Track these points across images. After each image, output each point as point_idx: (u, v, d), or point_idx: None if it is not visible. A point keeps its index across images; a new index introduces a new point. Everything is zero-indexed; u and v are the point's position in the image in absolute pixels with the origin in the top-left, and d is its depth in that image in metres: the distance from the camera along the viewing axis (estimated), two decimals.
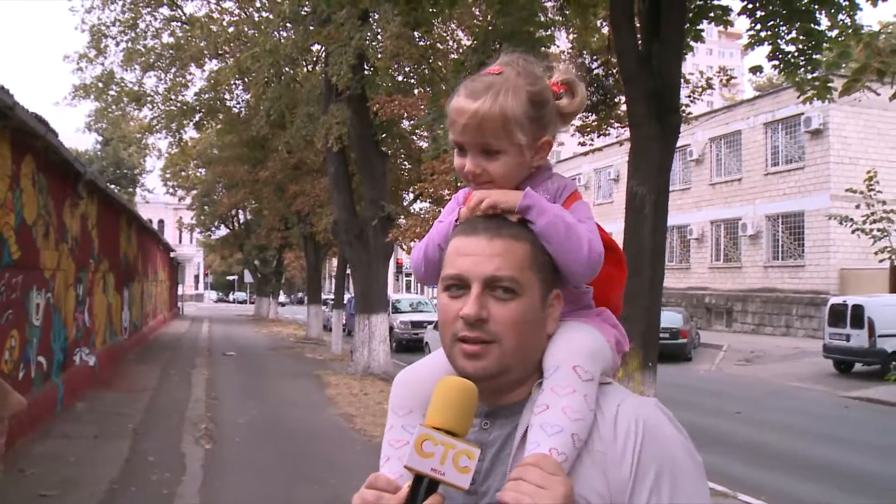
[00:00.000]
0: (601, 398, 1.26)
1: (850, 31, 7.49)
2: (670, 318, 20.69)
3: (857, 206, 19.90)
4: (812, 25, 7.74)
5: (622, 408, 1.24)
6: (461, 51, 13.87)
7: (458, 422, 1.19)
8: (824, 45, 7.87)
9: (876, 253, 19.75)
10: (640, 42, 7.78)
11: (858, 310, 18.06)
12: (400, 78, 18.08)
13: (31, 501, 6.77)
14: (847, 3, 7.63)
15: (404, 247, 17.56)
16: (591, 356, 1.28)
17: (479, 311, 1.22)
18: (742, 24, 9.00)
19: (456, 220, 1.34)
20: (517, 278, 1.23)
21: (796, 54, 8.01)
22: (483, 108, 1.28)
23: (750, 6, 7.99)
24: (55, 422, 10.14)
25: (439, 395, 1.22)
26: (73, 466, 7.98)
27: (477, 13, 13.95)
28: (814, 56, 7.94)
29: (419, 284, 59.56)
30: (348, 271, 23.62)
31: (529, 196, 1.28)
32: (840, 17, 7.63)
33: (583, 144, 14.68)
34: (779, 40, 8.01)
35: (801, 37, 7.87)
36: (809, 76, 8.18)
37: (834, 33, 7.85)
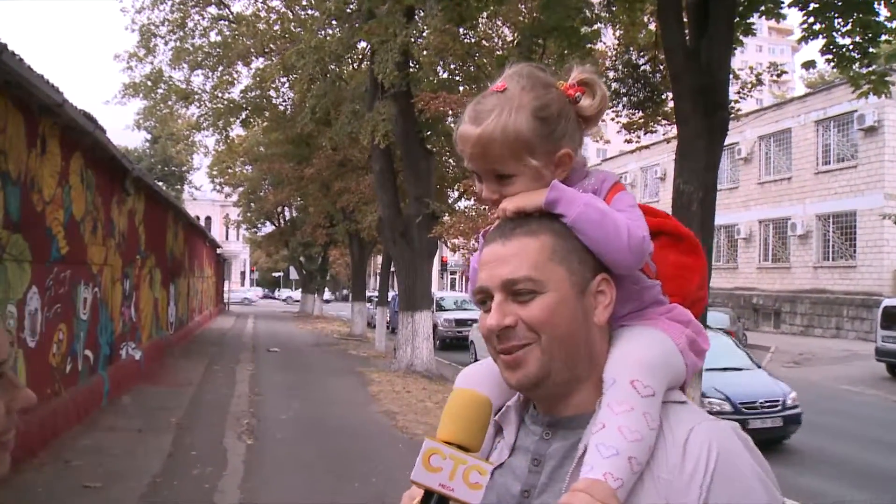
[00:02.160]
0: (672, 418, 1.16)
1: None
2: (717, 318, 20.34)
3: None
4: (870, 17, 7.48)
5: (695, 432, 1.13)
6: (506, 48, 13.76)
7: (469, 436, 1.14)
8: (882, 37, 7.62)
9: None
10: (688, 37, 7.62)
11: None
12: (445, 75, 18.03)
13: (75, 492, 6.86)
14: None
15: (449, 244, 17.51)
16: (653, 368, 1.17)
17: (500, 321, 1.17)
18: (793, 19, 8.78)
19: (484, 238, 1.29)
20: (533, 276, 1.16)
21: (851, 47, 7.76)
22: (485, 134, 1.21)
23: None
24: (101, 414, 10.29)
25: (451, 407, 1.17)
26: (117, 459, 8.07)
27: (522, 9, 13.81)
28: (870, 49, 7.68)
29: (465, 282, 59.61)
30: (392, 269, 23.66)
31: (556, 188, 1.21)
32: None
33: (629, 142, 14.48)
34: (833, 33, 7.76)
35: (857, 29, 7.61)
36: (865, 70, 7.91)
37: (894, 24, 7.60)
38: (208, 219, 68.82)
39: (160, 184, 22.34)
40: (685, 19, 7.70)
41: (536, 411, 1.27)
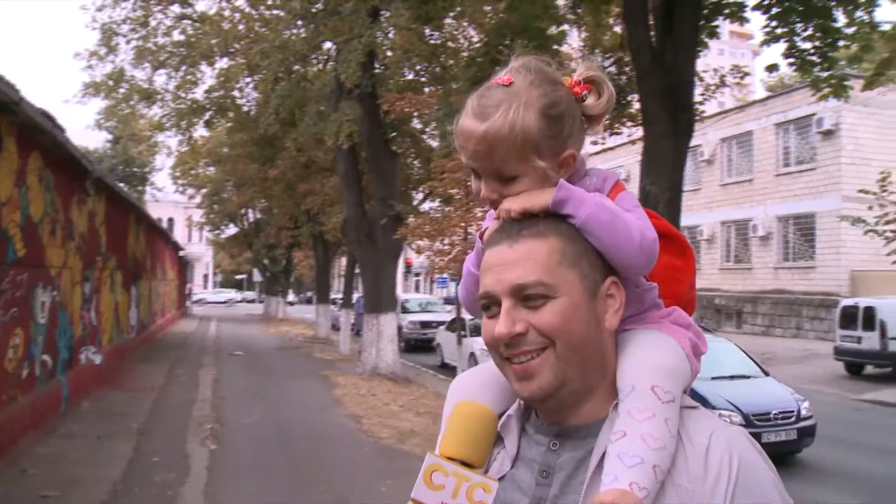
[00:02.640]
0: (690, 425, 1.13)
1: (867, 28, 7.36)
2: None
3: (870, 208, 19.69)
4: (828, 22, 7.59)
5: (714, 439, 1.10)
6: (472, 48, 13.75)
7: (474, 452, 1.09)
8: (840, 42, 7.74)
9: (888, 254, 19.54)
10: (654, 39, 7.67)
11: (870, 311, 17.86)
12: (411, 76, 17.97)
13: (32, 502, 6.70)
14: None
15: (413, 246, 17.47)
16: (671, 373, 1.14)
17: (511, 328, 1.11)
18: (753, 24, 8.87)
19: (481, 240, 1.22)
20: (544, 280, 1.10)
21: (812, 51, 7.87)
22: (492, 131, 1.14)
23: (766, 3, 7.85)
24: (59, 421, 10.08)
25: (454, 421, 1.12)
26: (76, 466, 7.90)
27: (488, 10, 13.82)
28: (829, 53, 7.79)
29: (429, 283, 59.56)
30: (357, 270, 23.56)
31: (564, 188, 1.14)
32: (857, 13, 7.49)
33: (594, 143, 14.55)
34: (794, 37, 7.87)
35: (817, 34, 7.72)
36: (825, 74, 8.03)
37: (851, 31, 7.71)
38: (171, 220, 67.85)
39: (121, 185, 22.00)
40: (652, 21, 7.76)
41: (540, 420, 1.21)
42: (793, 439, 9.46)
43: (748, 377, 10.47)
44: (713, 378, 9.68)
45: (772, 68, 8.73)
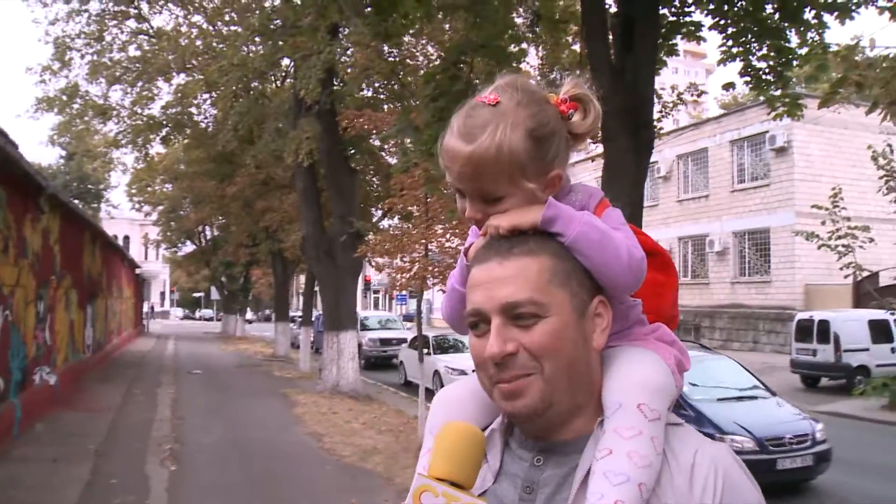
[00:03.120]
0: (675, 441, 1.13)
1: (819, 48, 7.55)
2: None
3: (823, 223, 20.09)
4: (782, 42, 7.77)
5: (699, 456, 1.10)
6: (431, 66, 13.81)
7: (463, 472, 1.06)
8: (794, 62, 7.92)
9: (841, 268, 19.91)
10: (613, 57, 7.77)
11: (824, 325, 18.22)
12: (370, 93, 17.98)
13: None
14: (816, 21, 7.68)
15: (373, 263, 17.40)
16: (657, 391, 1.14)
17: (503, 348, 1.09)
18: (708, 45, 9.04)
19: (466, 256, 1.21)
20: (536, 299, 1.09)
21: (767, 71, 8.04)
22: (478, 153, 1.12)
23: (722, 22, 8.01)
24: (12, 444, 9.83)
25: (443, 441, 1.09)
26: (31, 491, 7.71)
27: (447, 28, 13.90)
28: (784, 73, 7.97)
29: (388, 301, 59.35)
30: (316, 288, 23.43)
31: (553, 206, 1.13)
32: (809, 34, 7.68)
33: None
34: (750, 56, 8.04)
35: (771, 53, 7.90)
36: (779, 92, 8.21)
37: (804, 51, 7.90)
38: (126, 238, 66.83)
39: (76, 202, 21.64)
40: (611, 39, 7.86)
41: (524, 436, 1.20)
42: (809, 465, 8.83)
43: (755, 398, 9.88)
44: (719, 399, 9.37)
45: (728, 86, 8.91)
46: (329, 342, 16.54)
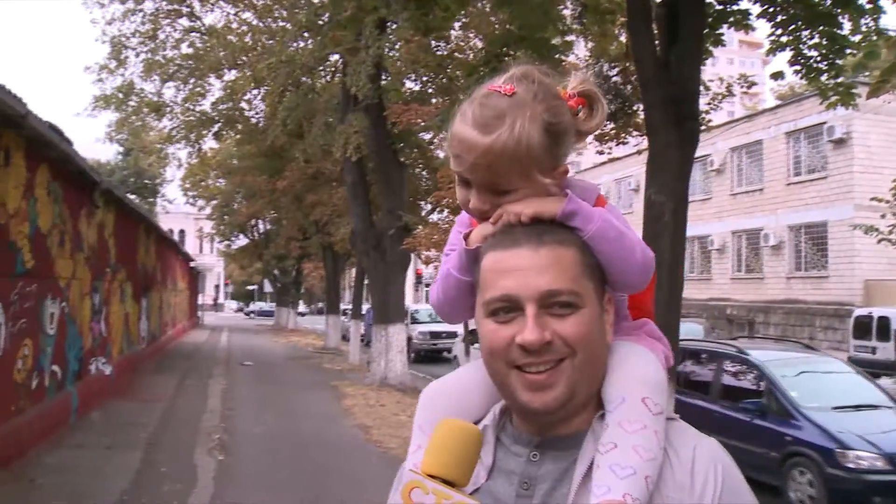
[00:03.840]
0: (673, 437, 1.13)
1: (873, 35, 7.33)
2: (690, 329, 20.32)
3: (883, 216, 19.56)
4: (834, 30, 7.56)
5: (699, 451, 1.10)
6: (473, 58, 13.79)
7: (457, 469, 1.05)
8: (847, 49, 7.70)
9: None
10: (658, 48, 7.66)
11: (884, 321, 17.79)
12: (418, 87, 18.01)
13: None
14: (871, 6, 7.46)
15: (422, 256, 17.46)
16: (658, 385, 1.14)
17: (542, 335, 1.07)
18: (762, 33, 8.85)
19: (465, 243, 1.18)
20: (575, 289, 1.09)
21: (818, 59, 7.84)
22: (497, 146, 1.10)
23: (771, 10, 7.82)
24: (69, 431, 10.10)
25: (437, 437, 1.08)
26: (85, 477, 7.91)
27: (494, 20, 13.85)
28: (836, 61, 7.76)
29: None
30: (366, 281, 23.59)
31: (573, 201, 1.12)
32: (863, 20, 7.46)
33: (601, 153, 14.53)
34: (800, 45, 7.84)
35: (823, 41, 7.69)
36: (832, 82, 7.99)
37: (857, 38, 7.68)
38: (182, 232, 68.19)
39: (133, 197, 22.15)
40: (656, 30, 7.75)
41: (518, 431, 1.18)
42: None
43: (877, 406, 8.72)
44: (834, 408, 8.45)
45: (776, 76, 8.69)
46: (377, 335, 16.65)
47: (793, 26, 7.78)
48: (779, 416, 8.66)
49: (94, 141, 64.96)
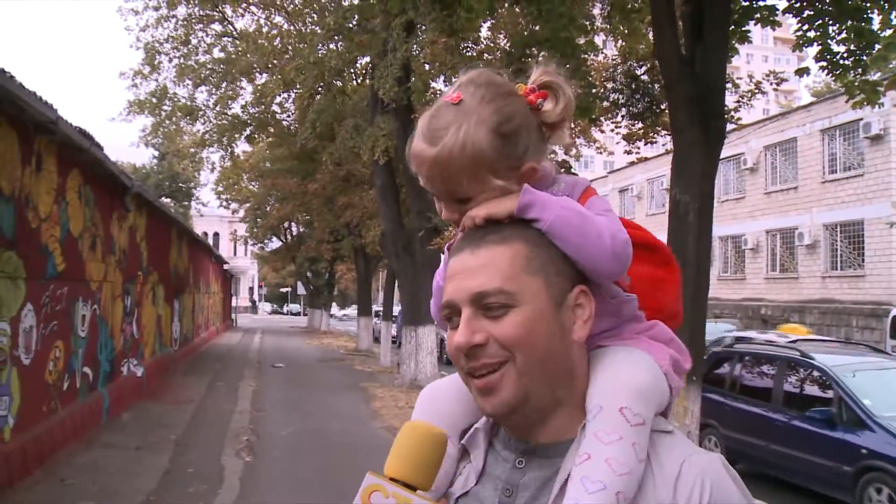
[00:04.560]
0: (661, 450, 1.06)
1: None
2: (724, 329, 20.16)
3: None
4: (862, 24, 7.42)
5: (686, 466, 1.03)
6: (496, 59, 13.77)
7: (418, 473, 1.04)
8: (876, 45, 7.54)
9: None
10: (682, 46, 7.59)
11: None
12: (446, 89, 18.00)
13: None
14: None
15: None
16: (642, 393, 1.07)
17: (469, 338, 1.04)
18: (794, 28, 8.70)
19: (448, 251, 1.17)
20: (506, 288, 1.04)
21: (846, 55, 7.69)
22: (443, 155, 1.08)
23: (797, 5, 7.70)
24: (100, 432, 10.25)
25: (401, 440, 1.07)
26: (113, 477, 8.03)
27: (521, 21, 13.82)
28: (863, 57, 7.61)
29: None
30: (397, 283, 23.65)
31: (528, 192, 1.08)
32: (893, 14, 7.31)
33: (629, 153, 14.43)
34: (828, 40, 7.70)
35: (851, 36, 7.55)
36: (860, 78, 7.84)
37: (888, 33, 7.52)
38: (216, 234, 68.99)
39: (168, 200, 22.45)
40: (681, 27, 7.68)
41: (508, 436, 1.15)
42: None
43: None
44: None
45: (802, 72, 8.53)
46: (407, 337, 16.68)
47: (819, 21, 7.64)
48: (850, 425, 7.96)
49: (128, 145, 65.93)
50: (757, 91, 11.96)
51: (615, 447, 1.02)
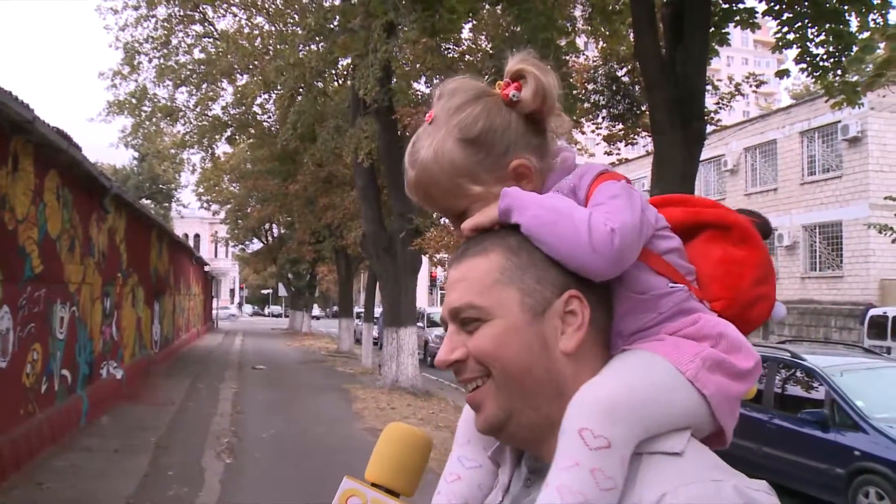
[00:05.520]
0: (650, 476, 0.91)
1: (879, 32, 7.24)
2: None
3: None
4: (841, 27, 7.49)
5: (669, 498, 0.87)
6: (477, 61, 13.78)
7: (398, 477, 1.01)
8: (854, 47, 7.61)
9: None
10: (663, 48, 7.62)
11: None
12: (428, 90, 18.00)
13: None
14: (879, 1, 7.36)
15: (436, 258, 17.45)
16: (614, 412, 0.92)
17: (447, 356, 1.02)
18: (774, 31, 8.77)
19: None
20: (476, 303, 0.99)
21: (825, 57, 7.76)
22: (421, 175, 1.06)
23: (777, 8, 7.76)
24: (78, 435, 10.16)
25: (382, 443, 1.04)
26: (92, 480, 7.95)
27: (502, 22, 13.84)
28: (842, 59, 7.68)
29: None
30: (378, 285, 23.62)
31: (507, 195, 1.01)
32: (871, 17, 7.37)
33: (609, 154, 14.47)
34: (807, 43, 7.77)
35: (830, 38, 7.61)
36: (840, 80, 7.91)
37: (865, 35, 7.59)
38: (197, 236, 68.54)
39: (148, 202, 22.30)
40: (661, 29, 7.71)
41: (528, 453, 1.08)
42: None
43: None
44: None
45: (782, 73, 8.58)
46: (389, 338, 16.64)
47: (799, 24, 7.71)
48: (843, 427, 7.80)
49: (108, 146, 65.48)
50: (737, 93, 12.03)
51: (568, 474, 0.91)
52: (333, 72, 20.40)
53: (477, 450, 1.14)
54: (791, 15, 7.68)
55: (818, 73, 7.84)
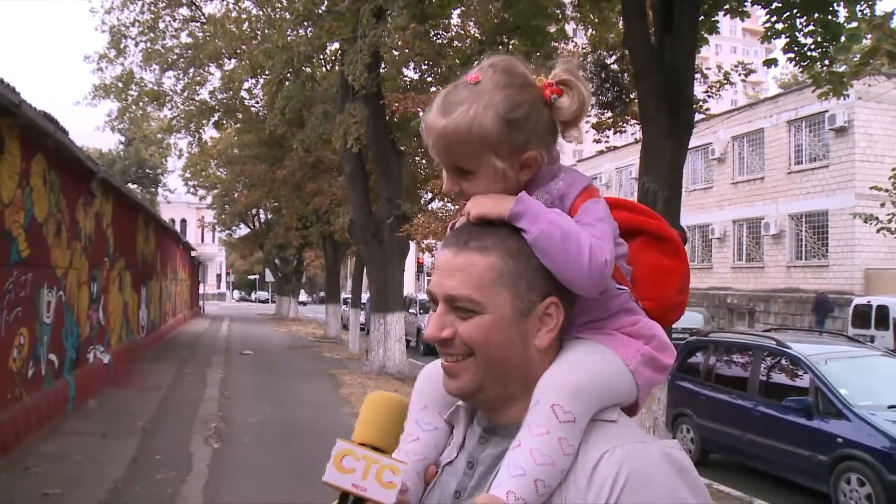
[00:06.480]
0: (592, 439, 1.11)
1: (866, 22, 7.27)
2: (691, 318, 20.41)
3: (883, 205, 19.53)
4: (829, 17, 7.52)
5: (608, 455, 1.08)
6: (468, 47, 13.74)
7: (383, 437, 1.16)
8: (842, 37, 7.65)
9: None
10: (652, 36, 7.63)
11: (883, 311, 17.78)
12: (416, 76, 17.97)
13: (33, 499, 6.74)
14: None
15: (423, 244, 17.45)
16: (579, 393, 1.11)
17: (437, 333, 1.16)
18: (763, 19, 8.80)
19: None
20: (474, 297, 1.13)
21: (813, 47, 7.80)
22: (450, 128, 1.15)
23: None
24: (65, 419, 10.14)
25: (366, 409, 1.19)
26: (79, 465, 7.95)
27: (491, 9, 13.80)
28: (829, 49, 7.72)
29: None
30: (366, 270, 23.61)
31: (522, 201, 1.14)
32: (858, 7, 7.41)
33: (598, 142, 14.49)
34: (796, 32, 7.80)
35: (818, 28, 7.65)
36: (827, 70, 7.95)
37: (853, 25, 7.62)
38: (184, 221, 68.27)
39: (135, 186, 22.17)
40: (650, 17, 7.72)
41: (480, 413, 1.25)
42: None
43: None
44: (890, 407, 7.74)
45: (770, 63, 8.63)
46: (376, 324, 16.66)
47: (788, 13, 7.74)
48: (827, 415, 7.90)
49: (94, 130, 65.05)
50: (725, 82, 12.06)
51: (541, 439, 1.09)
52: (322, 57, 20.30)
53: (433, 414, 1.30)
54: (780, 4, 7.72)
55: (806, 63, 7.89)
